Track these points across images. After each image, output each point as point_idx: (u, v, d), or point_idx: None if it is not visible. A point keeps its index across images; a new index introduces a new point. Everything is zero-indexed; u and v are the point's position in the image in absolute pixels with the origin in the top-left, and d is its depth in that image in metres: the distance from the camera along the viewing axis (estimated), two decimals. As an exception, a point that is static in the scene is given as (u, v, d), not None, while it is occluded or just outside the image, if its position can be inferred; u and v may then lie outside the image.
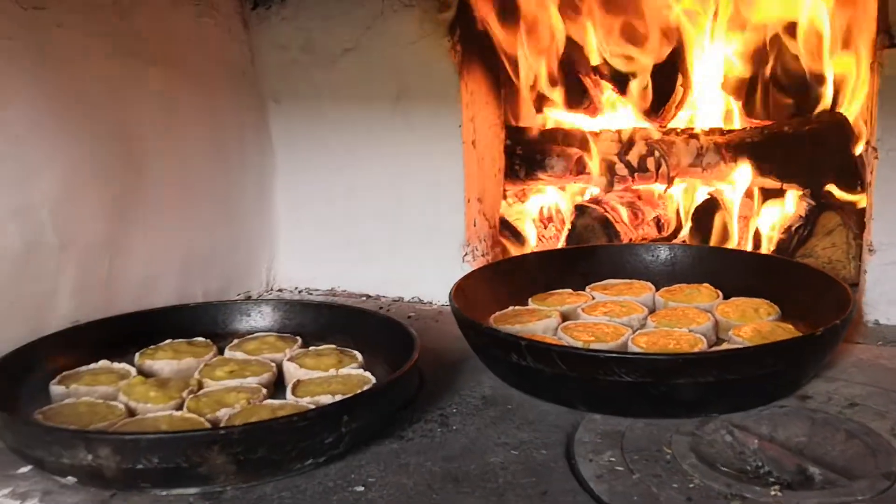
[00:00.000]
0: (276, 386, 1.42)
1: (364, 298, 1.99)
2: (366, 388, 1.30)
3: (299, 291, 2.07)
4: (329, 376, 1.37)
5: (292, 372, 1.41)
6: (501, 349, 1.37)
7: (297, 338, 1.56)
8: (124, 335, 1.53)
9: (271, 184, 2.06)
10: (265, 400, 1.31)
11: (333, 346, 1.50)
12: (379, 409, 1.23)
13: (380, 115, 1.92)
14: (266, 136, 2.04)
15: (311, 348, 1.51)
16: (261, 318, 1.65)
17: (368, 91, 1.92)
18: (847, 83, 1.85)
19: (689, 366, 1.24)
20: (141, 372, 1.44)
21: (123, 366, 1.44)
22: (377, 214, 1.97)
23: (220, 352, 1.53)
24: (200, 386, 1.38)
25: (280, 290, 2.08)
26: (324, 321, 1.59)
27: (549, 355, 1.29)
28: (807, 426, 1.27)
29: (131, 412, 1.29)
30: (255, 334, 1.59)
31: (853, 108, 1.86)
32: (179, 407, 1.30)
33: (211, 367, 1.43)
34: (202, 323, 1.62)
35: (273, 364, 1.44)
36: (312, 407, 1.24)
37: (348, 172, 1.98)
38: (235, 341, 1.55)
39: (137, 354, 1.49)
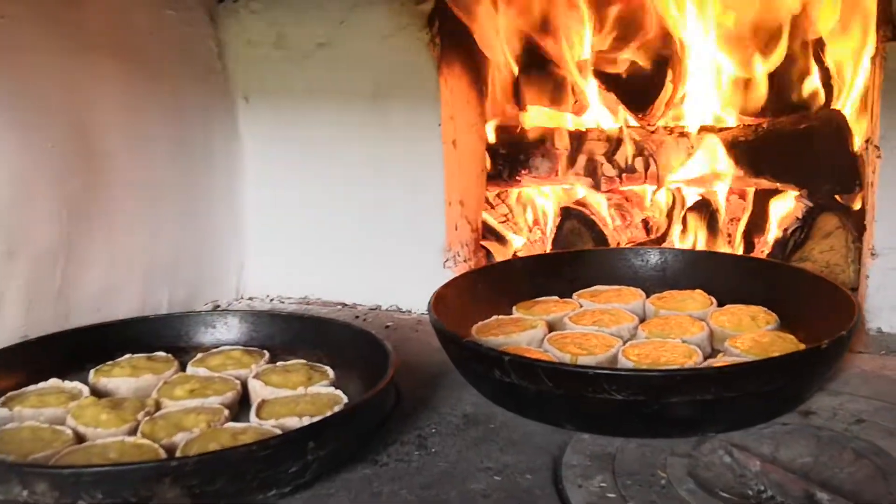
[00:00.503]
0: (241, 404, 1.33)
1: (339, 307, 1.90)
2: (336, 409, 1.20)
3: (271, 300, 1.97)
4: (297, 395, 1.27)
5: (258, 390, 1.31)
6: (483, 365, 1.28)
7: (265, 352, 1.46)
8: (79, 351, 1.43)
9: (241, 186, 1.96)
10: (227, 423, 1.21)
11: (303, 361, 1.41)
12: (350, 433, 1.13)
13: (356, 113, 1.83)
14: (235, 136, 1.94)
15: (278, 363, 1.41)
16: (227, 330, 1.54)
17: (343, 88, 1.83)
18: (844, 78, 1.77)
19: (686, 383, 1.15)
20: (95, 391, 1.34)
21: (75, 385, 1.33)
22: (353, 218, 1.88)
23: (183, 367, 1.43)
24: (158, 406, 1.28)
25: (251, 299, 1.98)
26: (293, 333, 1.49)
27: (535, 371, 1.20)
28: (812, 445, 1.20)
29: (80, 437, 1.18)
30: (221, 348, 1.49)
31: (851, 104, 1.78)
32: (133, 431, 1.19)
33: (170, 386, 1.33)
34: (164, 336, 1.51)
35: (237, 381, 1.34)
36: (277, 431, 1.14)
37: (323, 174, 1.89)
38: (199, 356, 1.46)
39: (92, 371, 1.38)
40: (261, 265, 1.99)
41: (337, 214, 1.89)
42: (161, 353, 1.45)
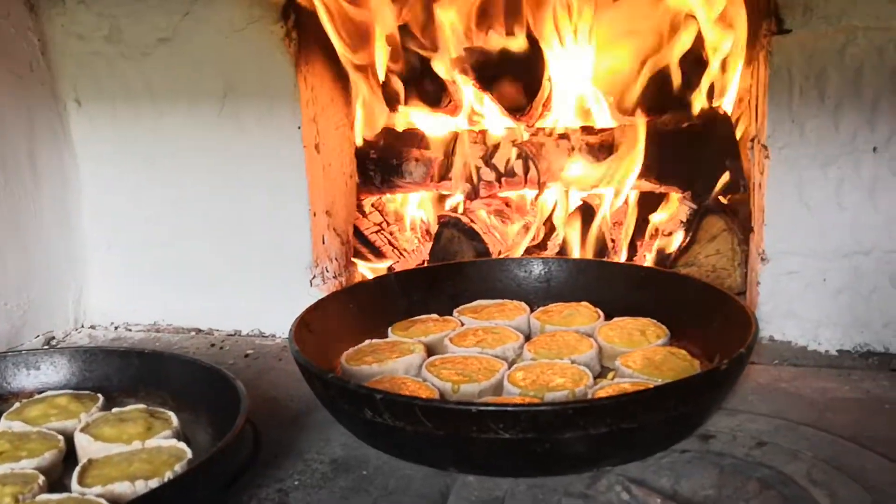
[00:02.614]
0: (69, 462, 1.12)
1: (193, 333, 1.70)
2: (177, 468, 1.01)
3: (116, 328, 1.75)
4: (131, 452, 1.08)
5: (85, 447, 1.11)
6: (352, 404, 1.12)
7: (98, 396, 1.26)
8: None
9: (76, 202, 1.73)
10: (41, 494, 1.00)
11: (143, 406, 1.21)
12: (193, 499, 0.95)
13: (205, 116, 1.64)
14: (66, 145, 1.71)
15: (114, 410, 1.21)
16: (54, 371, 1.33)
17: (190, 88, 1.64)
18: (727, 75, 1.70)
19: (578, 417, 1.03)
20: None
21: None
22: (206, 234, 1.69)
23: (-5, 422, 1.20)
24: (-45, 477, 1.05)
25: (92, 328, 1.75)
26: (133, 372, 1.30)
27: (412, 411, 1.05)
28: (714, 475, 1.11)
29: None
30: (46, 393, 1.27)
31: (734, 102, 1.71)
32: (-84, 514, 0.97)
33: (-26, 448, 1.10)
34: (-26, 382, 1.29)
35: (60, 437, 1.13)
36: (101, 503, 0.94)
37: (170, 185, 1.69)
38: (17, 405, 1.25)
39: None
40: (103, 289, 1.77)
41: (187, 230, 1.69)
42: (-36, 406, 1.23)
